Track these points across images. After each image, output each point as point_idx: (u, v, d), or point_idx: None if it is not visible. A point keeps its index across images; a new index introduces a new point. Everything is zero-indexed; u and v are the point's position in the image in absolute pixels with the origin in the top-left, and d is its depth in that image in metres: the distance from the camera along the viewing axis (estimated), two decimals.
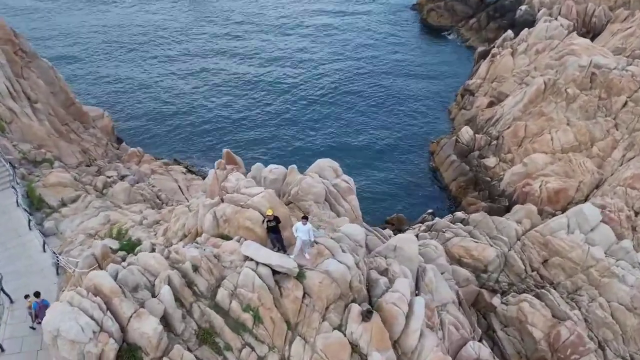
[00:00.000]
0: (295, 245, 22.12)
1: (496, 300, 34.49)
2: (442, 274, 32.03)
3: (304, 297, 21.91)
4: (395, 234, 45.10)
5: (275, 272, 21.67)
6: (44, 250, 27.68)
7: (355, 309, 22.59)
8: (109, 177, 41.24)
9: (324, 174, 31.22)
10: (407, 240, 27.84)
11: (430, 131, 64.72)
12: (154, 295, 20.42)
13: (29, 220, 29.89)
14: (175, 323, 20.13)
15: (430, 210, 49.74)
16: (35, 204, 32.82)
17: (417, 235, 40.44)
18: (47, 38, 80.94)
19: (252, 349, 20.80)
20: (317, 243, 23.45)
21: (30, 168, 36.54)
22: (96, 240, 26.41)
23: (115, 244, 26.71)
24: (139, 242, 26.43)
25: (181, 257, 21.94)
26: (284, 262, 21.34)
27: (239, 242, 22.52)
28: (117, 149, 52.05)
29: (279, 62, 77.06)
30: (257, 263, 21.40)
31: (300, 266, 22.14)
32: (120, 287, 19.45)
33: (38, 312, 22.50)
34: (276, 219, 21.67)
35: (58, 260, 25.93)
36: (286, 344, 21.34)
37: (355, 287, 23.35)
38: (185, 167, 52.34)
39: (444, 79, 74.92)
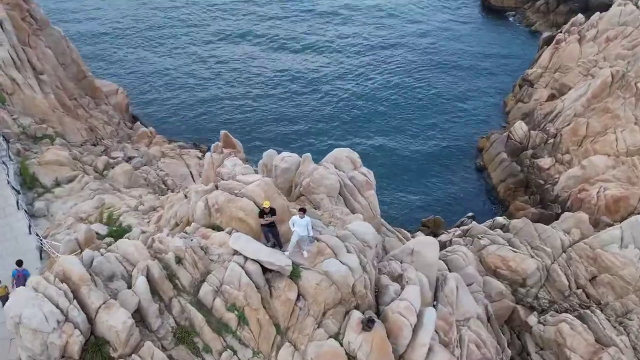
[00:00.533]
0: (291, 240, 22.04)
1: (532, 319, 33.72)
2: (469, 285, 31.50)
3: (298, 299, 21.89)
4: None
5: (266, 270, 21.68)
6: (30, 233, 28.43)
7: (356, 316, 22.42)
8: (114, 158, 42.06)
9: (340, 165, 31.16)
10: (426, 244, 27.40)
11: (480, 125, 63.72)
12: (130, 287, 20.68)
13: (17, 200, 30.79)
14: (150, 318, 20.29)
15: (470, 214, 49.00)
16: (27, 183, 33.78)
17: (450, 240, 39.96)
18: (69, 12, 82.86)
19: (234, 352, 20.84)
20: (318, 240, 23.35)
21: (28, 144, 37.56)
22: (82, 224, 26.90)
23: (103, 230, 27.19)
24: (129, 229, 26.83)
25: (164, 247, 22.13)
26: (276, 258, 21.28)
27: (230, 234, 22.58)
28: (130, 129, 53.05)
29: (318, 50, 76.61)
30: (246, 258, 21.41)
31: (296, 265, 22.08)
32: (91, 275, 19.74)
33: (16, 281, 23.07)
34: (272, 211, 21.63)
35: (42, 244, 26.57)
36: (273, 349, 21.33)
37: (359, 293, 23.16)
38: (203, 153, 52.83)
39: (502, 66, 73.63)
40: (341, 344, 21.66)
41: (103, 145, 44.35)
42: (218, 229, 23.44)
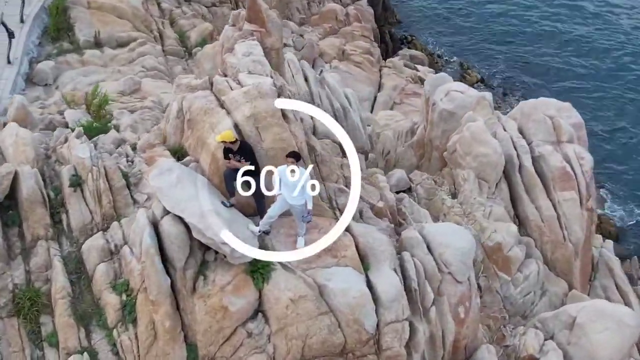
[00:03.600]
0: (273, 205, 21.44)
1: None
2: None
3: (254, 317, 21.38)
4: None
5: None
6: None
7: None
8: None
9: (527, 128, 29.76)
10: (601, 316, 24.74)
11: None
12: None
13: (9, 48, 34.61)
14: None
15: None
16: (52, 30, 37.17)
17: None
18: None
19: None
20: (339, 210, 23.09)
21: None
22: (19, 96, 28.94)
23: (73, 118, 29.03)
24: (110, 128, 28.19)
25: (67, 155, 23.09)
26: (210, 225, 20.54)
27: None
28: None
29: None
30: (167, 210, 21.29)
31: (274, 253, 21.56)
32: None
33: None
34: (243, 149, 21.07)
35: None
36: None
37: (388, 350, 21.86)
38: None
39: None
40: None
41: None
42: (184, 155, 23.67)
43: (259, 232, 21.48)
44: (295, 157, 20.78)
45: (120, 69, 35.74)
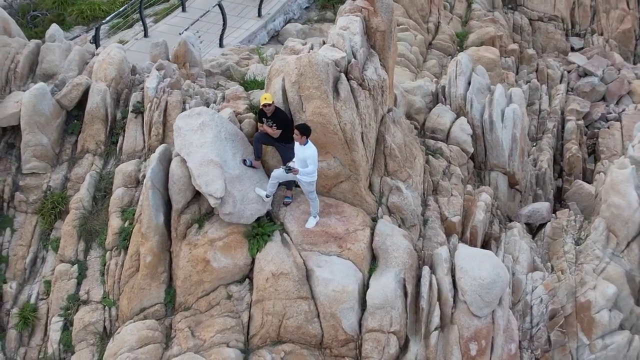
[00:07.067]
0: (273, 172, 20.55)
1: None
2: None
3: (242, 281, 20.92)
4: None
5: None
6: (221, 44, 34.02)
7: None
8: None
9: None
10: None
11: None
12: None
13: (261, 2, 36.90)
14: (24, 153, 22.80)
15: None
16: None
17: None
18: None
19: (79, 274, 21.63)
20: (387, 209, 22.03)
21: None
22: (187, 33, 30.50)
23: (252, 72, 29.41)
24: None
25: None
26: (205, 174, 20.03)
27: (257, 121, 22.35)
28: None
29: None
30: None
31: (272, 222, 20.98)
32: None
33: None
34: (276, 115, 20.46)
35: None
36: (138, 318, 20.71)
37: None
38: None
39: None
40: None
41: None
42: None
43: (267, 196, 20.69)
44: (303, 131, 19.66)
45: None
